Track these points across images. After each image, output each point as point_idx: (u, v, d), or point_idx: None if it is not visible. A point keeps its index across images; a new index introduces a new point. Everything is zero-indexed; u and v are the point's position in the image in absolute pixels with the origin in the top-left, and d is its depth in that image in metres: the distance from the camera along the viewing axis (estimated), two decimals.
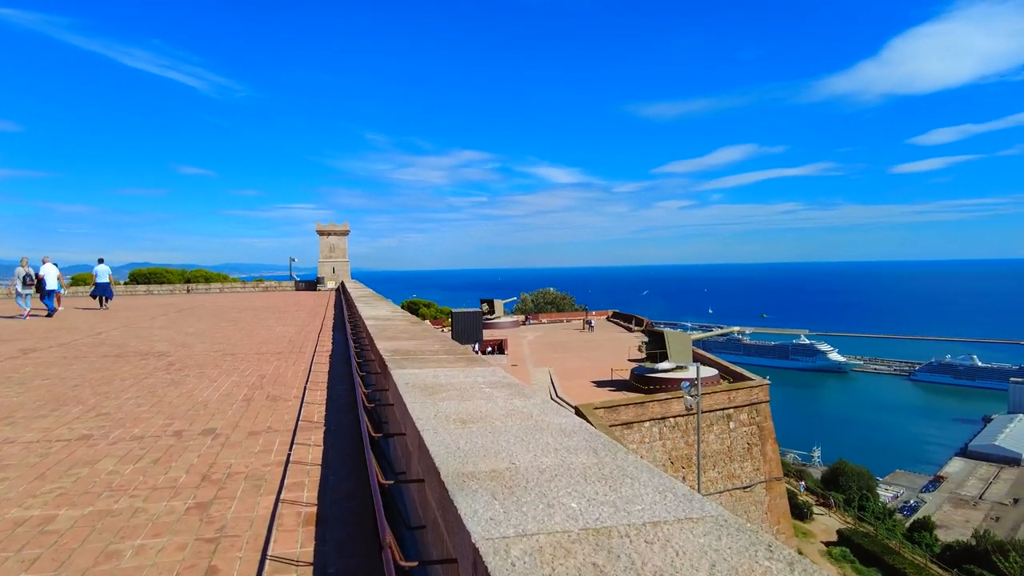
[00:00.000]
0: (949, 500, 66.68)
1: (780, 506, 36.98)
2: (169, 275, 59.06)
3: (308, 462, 4.88)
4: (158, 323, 18.20)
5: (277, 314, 22.08)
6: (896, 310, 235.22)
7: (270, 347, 12.34)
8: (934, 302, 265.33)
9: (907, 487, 70.60)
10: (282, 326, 17.13)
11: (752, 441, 36.10)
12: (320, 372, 9.28)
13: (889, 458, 76.57)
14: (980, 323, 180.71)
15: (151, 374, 9.11)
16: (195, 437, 5.62)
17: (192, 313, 22.70)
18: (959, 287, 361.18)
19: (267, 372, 9.35)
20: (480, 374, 4.74)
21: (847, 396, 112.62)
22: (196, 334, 14.92)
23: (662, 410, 32.15)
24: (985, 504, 65.00)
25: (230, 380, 8.62)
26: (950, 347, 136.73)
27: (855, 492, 53.70)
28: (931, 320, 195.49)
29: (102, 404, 7.03)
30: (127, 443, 5.39)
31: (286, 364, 10.12)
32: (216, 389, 7.97)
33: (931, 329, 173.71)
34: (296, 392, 7.79)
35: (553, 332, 59.06)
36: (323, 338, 13.86)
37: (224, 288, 49.81)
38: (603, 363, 40.45)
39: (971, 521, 58.78)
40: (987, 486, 69.76)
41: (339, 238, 51.12)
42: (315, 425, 6.04)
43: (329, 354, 11.16)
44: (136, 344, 12.73)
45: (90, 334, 14.85)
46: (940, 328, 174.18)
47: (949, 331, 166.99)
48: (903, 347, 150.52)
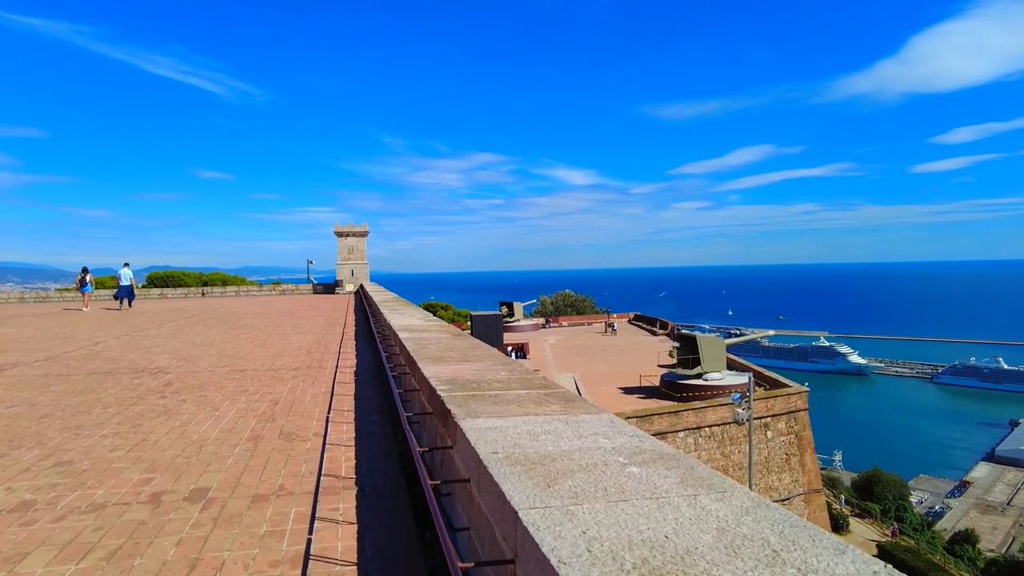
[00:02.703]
0: (976, 506, 64.45)
1: (820, 519, 35.13)
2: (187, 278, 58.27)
3: (338, 558, 3.27)
4: (164, 331, 16.72)
5: (294, 320, 20.60)
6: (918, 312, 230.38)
7: (285, 361, 10.78)
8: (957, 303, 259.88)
9: (931, 492, 68.32)
10: (299, 334, 15.61)
11: (790, 451, 34.38)
12: (344, 395, 7.70)
13: (912, 462, 74.09)
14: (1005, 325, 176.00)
15: (141, 398, 7.54)
16: (178, 505, 4.02)
17: (203, 319, 21.28)
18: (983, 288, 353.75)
19: (281, 395, 7.77)
20: (595, 427, 3.12)
21: (868, 399, 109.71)
22: (203, 344, 13.41)
23: (697, 419, 30.64)
24: (1014, 510, 62.80)
25: (235, 408, 7.04)
26: (974, 349, 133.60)
27: (891, 502, 51.51)
28: (954, 322, 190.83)
29: (67, 446, 5.45)
30: (79, 518, 3.79)
31: (304, 384, 8.53)
32: (217, 421, 6.39)
33: (954, 331, 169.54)
34: (316, 425, 6.20)
35: (574, 335, 57.42)
36: (345, 349, 12.30)
37: (240, 291, 48.63)
38: (629, 368, 38.86)
39: (999, 528, 57.21)
40: (1015, 492, 67.51)
41: (358, 239, 49.68)
42: (342, 483, 4.44)
43: (354, 371, 9.57)
44: (133, 357, 11.20)
45: (86, 344, 13.39)
46: (964, 330, 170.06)
47: (973, 333, 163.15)
48: (925, 349, 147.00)
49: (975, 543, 47.05)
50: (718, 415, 31.10)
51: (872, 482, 54.16)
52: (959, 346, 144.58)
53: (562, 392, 4.04)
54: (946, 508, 63.38)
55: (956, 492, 68.68)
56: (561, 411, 3.47)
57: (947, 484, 71.36)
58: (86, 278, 29.32)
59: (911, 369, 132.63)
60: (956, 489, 69.52)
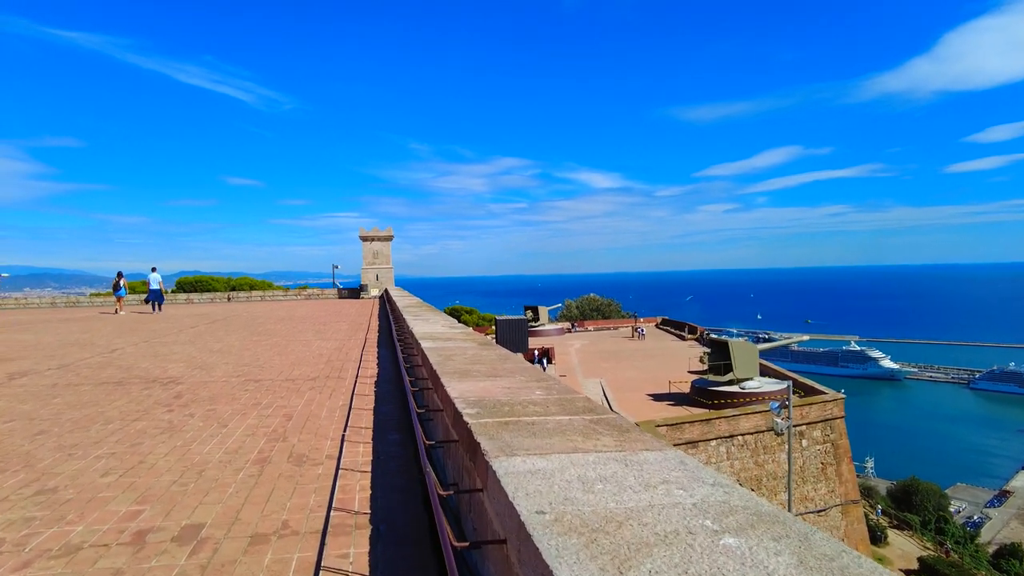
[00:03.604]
0: (1017, 516, 62.11)
1: (858, 532, 33.90)
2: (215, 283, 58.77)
3: None
4: (184, 337, 16.37)
5: (317, 325, 20.19)
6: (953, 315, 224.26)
7: (304, 370, 10.26)
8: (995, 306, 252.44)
9: (969, 501, 66.02)
10: (321, 340, 15.13)
11: (826, 460, 33.24)
12: (362, 409, 7.12)
13: (949, 470, 71.75)
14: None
15: (147, 412, 7.04)
16: (164, 548, 3.44)
17: (225, 324, 20.97)
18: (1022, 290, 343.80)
19: (296, 409, 7.21)
20: (663, 470, 2.46)
21: (901, 405, 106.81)
22: (221, 351, 12.97)
23: (729, 428, 29.72)
24: None
25: (245, 423, 6.49)
26: (1014, 354, 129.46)
27: (930, 513, 49.69)
28: (992, 325, 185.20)
29: (56, 469, 4.92)
30: (45, 566, 3.22)
31: (321, 396, 7.98)
32: (224, 439, 5.83)
33: (992, 335, 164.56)
34: (331, 445, 5.61)
35: (601, 340, 56.51)
36: (367, 357, 11.76)
37: (266, 296, 48.68)
38: (658, 374, 37.97)
39: None
40: None
41: (383, 244, 49.41)
42: (355, 520, 3.82)
43: (374, 381, 9.00)
44: (147, 365, 10.78)
45: (104, 351, 13.04)
46: (1002, 334, 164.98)
47: (1012, 337, 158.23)
48: (961, 354, 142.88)
49: (1022, 558, 45.07)
50: (751, 423, 30.16)
51: (910, 491, 52.34)
52: (997, 350, 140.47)
53: (612, 419, 3.39)
54: (985, 518, 61.42)
55: (996, 502, 66.53)
56: (616, 445, 2.82)
57: (986, 493, 69.10)
58: (120, 282, 29.90)
59: (946, 374, 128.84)
60: (996, 499, 67.32)
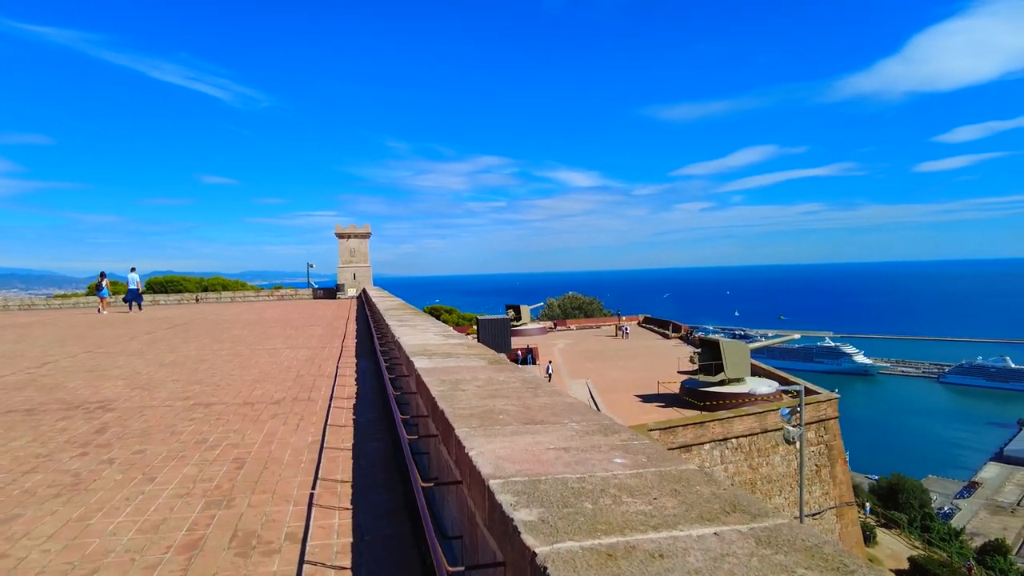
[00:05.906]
0: (985, 507, 63.44)
1: (852, 534, 33.09)
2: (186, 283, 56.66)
3: None
4: (134, 345, 14.46)
5: (288, 330, 18.38)
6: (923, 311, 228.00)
7: (267, 389, 8.56)
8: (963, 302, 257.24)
9: (940, 493, 66.88)
10: (291, 349, 13.38)
11: (820, 462, 32.38)
12: (339, 449, 5.49)
13: (920, 463, 72.59)
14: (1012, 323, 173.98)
15: (50, 457, 5.29)
16: None
17: (185, 330, 19.05)
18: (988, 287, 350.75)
19: (251, 449, 5.54)
20: None
21: (874, 399, 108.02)
22: (173, 364, 11.17)
23: (723, 430, 28.69)
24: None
25: (180, 475, 4.80)
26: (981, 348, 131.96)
27: (916, 511, 49.40)
28: (960, 321, 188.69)
29: None
30: None
31: (285, 428, 6.30)
32: (143, 505, 4.14)
33: (960, 330, 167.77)
34: (294, 514, 3.97)
35: (584, 339, 55.25)
36: (343, 370, 10.07)
37: (237, 297, 46.46)
38: (644, 374, 36.84)
39: (1009, 528, 56.28)
40: None
41: (360, 241, 47.39)
42: None
43: (353, 404, 7.34)
44: (76, 384, 8.94)
45: (33, 365, 11.15)
46: (970, 329, 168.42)
47: (980, 332, 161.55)
48: (932, 349, 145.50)
49: (1007, 554, 45.01)
50: (745, 425, 29.15)
51: (896, 489, 51.98)
52: (966, 345, 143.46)
53: (798, 536, 1.85)
54: (955, 509, 62.65)
55: (965, 493, 67.99)
56: None
57: (956, 485, 70.52)
58: (103, 283, 30.09)
59: (917, 369, 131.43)
60: (965, 490, 68.83)
